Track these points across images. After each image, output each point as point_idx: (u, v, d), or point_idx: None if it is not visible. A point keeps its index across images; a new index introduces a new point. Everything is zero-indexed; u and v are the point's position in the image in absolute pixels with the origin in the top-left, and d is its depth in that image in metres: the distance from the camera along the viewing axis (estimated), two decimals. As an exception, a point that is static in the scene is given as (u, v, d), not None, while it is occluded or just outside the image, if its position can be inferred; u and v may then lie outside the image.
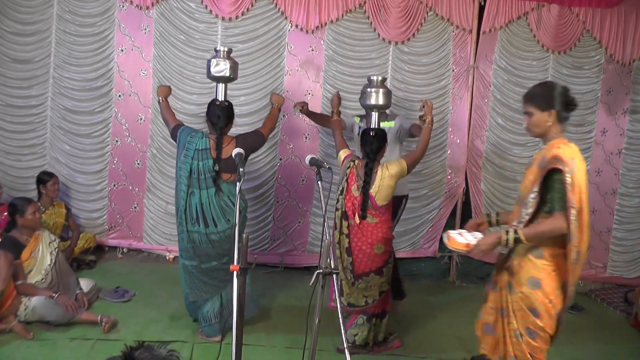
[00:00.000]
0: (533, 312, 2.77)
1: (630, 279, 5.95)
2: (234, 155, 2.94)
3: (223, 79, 3.95)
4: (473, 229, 3.08)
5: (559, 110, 2.76)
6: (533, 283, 2.75)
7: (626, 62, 5.68)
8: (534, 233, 2.69)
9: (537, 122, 2.80)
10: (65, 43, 5.18)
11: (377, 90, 3.97)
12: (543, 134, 2.82)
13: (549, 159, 2.68)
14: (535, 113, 2.79)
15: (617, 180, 5.89)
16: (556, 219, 2.65)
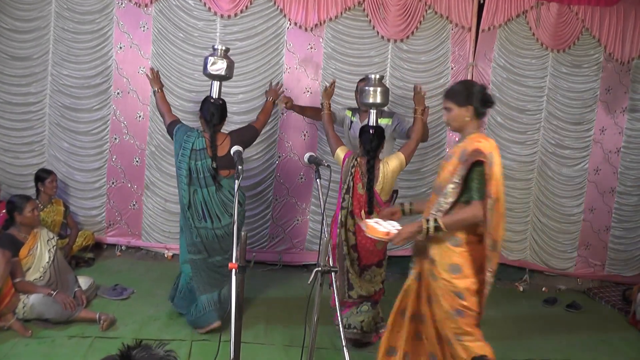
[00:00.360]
0: (458, 295, 2.91)
1: (628, 277, 5.96)
2: (233, 152, 2.95)
3: (218, 77, 4.05)
4: (387, 217, 3.17)
5: (476, 106, 2.94)
6: (454, 269, 2.91)
7: (625, 61, 5.68)
8: (453, 221, 2.87)
9: (456, 117, 2.97)
10: (63, 40, 5.17)
11: (375, 88, 4.04)
12: (461, 128, 3.00)
13: (471, 152, 2.84)
14: (454, 108, 2.96)
15: (616, 178, 5.89)
16: (474, 207, 2.84)
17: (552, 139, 5.70)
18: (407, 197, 5.58)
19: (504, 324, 4.79)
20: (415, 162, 5.50)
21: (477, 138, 2.93)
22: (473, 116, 2.95)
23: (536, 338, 4.55)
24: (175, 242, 5.39)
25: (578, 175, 5.80)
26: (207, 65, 3.99)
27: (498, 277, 5.74)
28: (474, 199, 2.85)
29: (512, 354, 4.16)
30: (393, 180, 3.97)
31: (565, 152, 5.75)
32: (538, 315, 5.13)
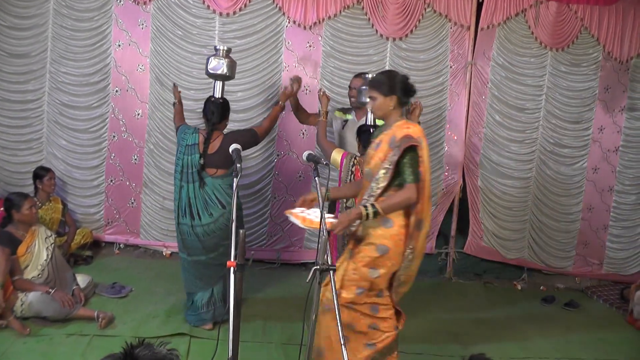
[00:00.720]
0: (374, 271, 3.04)
1: (626, 276, 5.97)
2: (231, 151, 2.94)
3: (220, 77, 4.09)
4: (307, 205, 3.19)
5: (400, 96, 3.07)
6: (382, 250, 3.02)
7: (624, 60, 5.68)
8: (390, 205, 2.96)
9: (380, 106, 3.08)
10: (62, 38, 5.16)
11: None
12: (385, 116, 3.12)
13: (402, 138, 2.97)
14: (378, 98, 3.07)
15: (614, 177, 5.90)
16: (409, 190, 2.96)
17: (550, 137, 5.71)
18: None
19: (502, 322, 4.80)
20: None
21: (404, 125, 3.05)
22: (397, 105, 3.08)
23: (534, 336, 4.56)
24: (173, 240, 5.39)
25: (576, 174, 5.81)
26: (209, 65, 4.05)
27: (496, 275, 5.83)
28: (407, 182, 2.97)
29: (510, 353, 4.16)
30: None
31: (563, 151, 5.75)
32: (536, 313, 5.13)
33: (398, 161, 2.96)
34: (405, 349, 4.07)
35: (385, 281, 3.12)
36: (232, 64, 4.09)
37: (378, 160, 3.04)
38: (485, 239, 5.75)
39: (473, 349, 4.12)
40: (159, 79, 5.22)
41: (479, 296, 5.43)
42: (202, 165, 3.90)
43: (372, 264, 3.03)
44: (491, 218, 5.73)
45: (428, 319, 4.70)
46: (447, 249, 5.77)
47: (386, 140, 3.05)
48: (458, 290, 5.55)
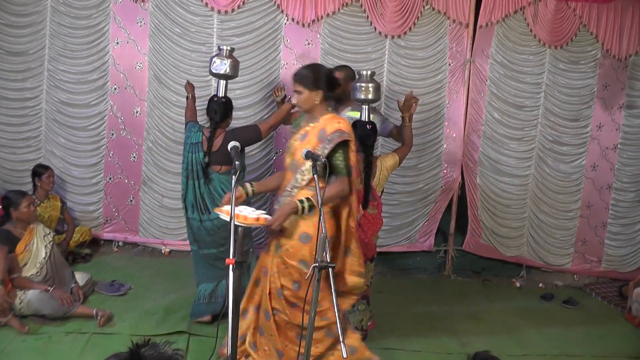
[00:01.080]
0: (302, 263, 3.02)
1: (625, 274, 5.97)
2: (230, 148, 2.96)
3: (224, 77, 4.18)
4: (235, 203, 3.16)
5: (325, 90, 3.09)
6: (304, 238, 3.02)
7: (622, 57, 5.67)
8: (325, 198, 2.92)
9: (306, 100, 3.09)
10: (60, 35, 5.15)
11: (367, 84, 4.09)
12: (311, 110, 3.13)
13: (334, 132, 3.01)
14: (304, 92, 3.08)
15: (613, 175, 5.90)
16: (342, 183, 3.02)
17: (549, 135, 5.71)
18: (405, 193, 5.59)
19: (501, 319, 4.81)
20: (412, 158, 5.50)
21: (334, 119, 3.10)
22: (322, 99, 3.10)
23: (533, 334, 4.57)
24: (171, 238, 5.40)
25: (575, 172, 5.81)
26: (212, 65, 4.14)
27: (495, 273, 5.83)
28: (340, 175, 3.03)
29: (508, 350, 4.17)
30: (387, 177, 4.10)
31: (562, 149, 5.76)
32: (535, 311, 5.14)
33: (329, 155, 3.00)
34: (404, 346, 4.09)
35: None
36: (235, 63, 4.19)
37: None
38: (484, 237, 5.75)
39: (471, 346, 4.12)
40: (157, 76, 5.22)
41: (478, 293, 5.44)
42: (207, 163, 3.99)
43: (300, 257, 3.04)
44: (490, 215, 5.73)
45: (426, 316, 4.71)
46: (446, 246, 5.78)
47: (314, 133, 3.07)
48: (457, 287, 5.55)
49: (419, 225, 5.69)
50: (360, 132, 3.94)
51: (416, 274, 5.74)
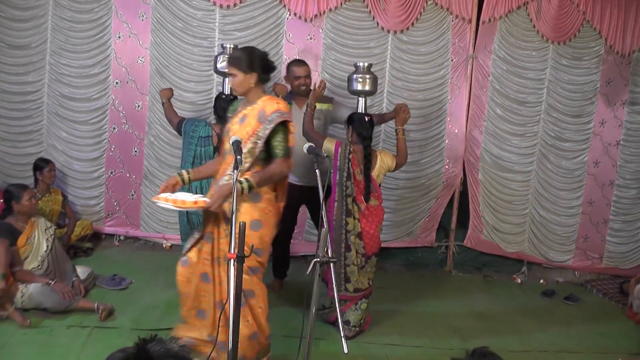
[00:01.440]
0: (256, 251, 3.03)
1: (626, 270, 5.97)
2: (231, 142, 2.95)
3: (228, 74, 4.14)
4: (170, 189, 3.20)
5: (259, 72, 3.11)
6: (255, 225, 3.05)
7: (626, 54, 5.66)
8: (263, 178, 3.04)
9: (241, 83, 3.11)
10: (61, 29, 5.14)
11: (364, 76, 4.17)
12: (247, 93, 3.16)
13: (273, 113, 3.04)
14: (238, 75, 3.09)
15: (615, 171, 5.89)
16: (280, 164, 3.07)
17: (551, 131, 5.69)
18: (407, 188, 5.59)
19: (502, 316, 4.81)
20: (414, 153, 5.50)
21: (272, 100, 3.14)
22: (257, 82, 3.12)
23: (534, 330, 4.57)
24: (173, 232, 5.39)
25: (577, 168, 5.80)
26: (217, 63, 4.23)
27: (496, 269, 5.83)
28: (279, 156, 3.06)
29: (509, 346, 4.17)
30: (384, 173, 4.17)
31: (564, 145, 5.74)
32: (536, 307, 5.14)
33: (269, 136, 3.03)
34: (405, 341, 4.09)
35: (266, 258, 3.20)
36: None
37: (245, 134, 3.07)
38: (486, 233, 5.75)
39: (472, 342, 4.12)
40: (159, 71, 5.21)
41: (479, 289, 5.44)
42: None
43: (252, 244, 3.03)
44: (491, 211, 5.72)
45: (427, 311, 4.71)
46: (447, 242, 5.78)
47: (254, 115, 3.09)
48: (458, 283, 5.55)
49: (421, 220, 5.69)
50: (359, 124, 4.02)
51: (417, 269, 5.74)
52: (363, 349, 3.88)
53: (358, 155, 4.00)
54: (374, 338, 4.09)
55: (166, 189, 3.16)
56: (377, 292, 4.94)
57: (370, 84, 4.18)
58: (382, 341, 4.04)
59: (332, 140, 4.10)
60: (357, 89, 4.18)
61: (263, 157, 3.09)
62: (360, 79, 4.16)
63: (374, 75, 4.23)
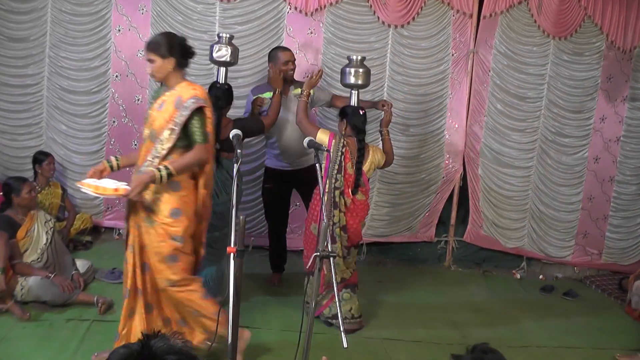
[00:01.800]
0: (175, 238, 3.07)
1: (625, 266, 5.98)
2: (232, 136, 2.96)
3: (224, 64, 4.22)
4: (98, 176, 3.19)
5: (177, 57, 3.09)
6: (174, 213, 3.06)
7: (627, 49, 5.65)
8: (182, 165, 3.02)
9: (159, 69, 3.09)
10: (61, 22, 5.12)
11: (357, 69, 4.15)
12: (166, 78, 3.13)
13: (190, 98, 3.03)
14: (157, 60, 3.07)
15: (615, 167, 5.89)
16: (198, 150, 3.05)
17: (552, 127, 5.69)
18: (407, 183, 5.59)
19: (501, 311, 4.82)
20: (414, 148, 5.51)
21: (189, 86, 3.12)
22: (176, 67, 3.10)
23: (532, 325, 4.58)
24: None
25: (577, 164, 5.80)
26: (213, 52, 4.19)
27: (495, 264, 5.83)
28: (197, 142, 3.04)
29: (508, 341, 4.17)
30: (375, 168, 4.21)
31: (565, 141, 5.74)
32: (535, 302, 5.15)
33: (186, 122, 3.02)
34: (404, 336, 4.10)
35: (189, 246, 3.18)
36: (235, 50, 4.23)
37: (163, 121, 3.06)
38: (485, 228, 5.75)
39: (471, 337, 4.13)
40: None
41: (478, 285, 5.45)
42: (218, 149, 3.95)
43: (172, 232, 3.06)
44: (491, 207, 5.73)
45: (426, 306, 4.72)
46: (447, 237, 5.78)
47: (171, 102, 3.07)
48: (457, 278, 5.56)
49: (420, 215, 5.69)
50: (353, 116, 4.02)
51: (417, 264, 5.74)
52: (362, 344, 3.89)
53: (352, 148, 4.02)
54: (373, 333, 4.10)
55: (94, 175, 3.15)
56: (376, 287, 4.97)
57: (364, 77, 4.17)
58: (381, 336, 4.05)
59: (326, 131, 4.09)
60: (350, 82, 4.17)
61: (183, 144, 3.07)
62: (354, 72, 4.15)
63: (367, 68, 4.22)
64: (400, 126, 5.47)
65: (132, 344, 1.28)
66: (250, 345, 3.51)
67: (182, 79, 3.15)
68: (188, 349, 1.30)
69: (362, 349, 3.83)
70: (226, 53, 4.16)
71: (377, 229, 5.64)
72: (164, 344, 1.26)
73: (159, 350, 1.24)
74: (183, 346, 1.29)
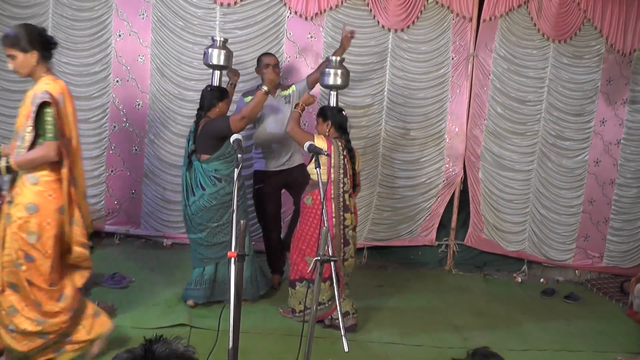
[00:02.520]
0: (31, 235, 2.99)
1: (627, 269, 5.97)
2: (232, 141, 2.93)
3: (218, 67, 4.30)
4: None
5: (40, 50, 3.01)
6: (30, 208, 2.98)
7: (627, 52, 5.65)
8: (24, 160, 2.96)
9: (22, 64, 3.00)
10: (62, 27, 5.13)
11: (337, 70, 4.22)
12: (31, 73, 3.05)
13: (40, 93, 2.96)
14: (18, 55, 2.98)
15: (616, 170, 5.89)
16: (45, 147, 2.97)
17: (552, 130, 5.69)
18: (407, 187, 5.59)
19: (502, 314, 4.81)
20: (414, 152, 5.52)
21: (46, 81, 3.03)
22: (39, 60, 3.02)
23: (534, 329, 4.57)
24: (173, 231, 5.39)
25: (578, 167, 5.80)
26: (207, 56, 4.24)
27: (496, 268, 5.82)
28: (47, 139, 2.97)
29: (509, 345, 4.17)
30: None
31: (565, 144, 5.74)
32: (536, 306, 5.14)
33: (37, 118, 2.96)
34: (404, 340, 4.09)
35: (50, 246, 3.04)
36: (228, 54, 4.30)
37: (23, 118, 3.02)
38: (486, 231, 5.75)
39: (472, 341, 4.13)
40: (159, 69, 5.21)
41: (479, 288, 5.44)
42: (193, 150, 4.13)
43: (26, 227, 2.99)
44: (492, 210, 5.72)
45: (427, 310, 4.71)
46: (448, 240, 5.77)
47: (30, 97, 3.02)
48: (458, 282, 5.56)
49: (421, 219, 5.69)
50: (338, 117, 4.12)
51: (417, 268, 5.74)
52: (363, 348, 3.88)
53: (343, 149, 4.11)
54: (374, 337, 4.09)
55: None
56: (377, 290, 4.97)
57: (343, 78, 4.24)
58: (382, 340, 4.05)
59: (321, 137, 4.06)
60: (329, 83, 4.25)
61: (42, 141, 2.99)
62: (333, 73, 4.21)
63: (346, 69, 4.30)
64: (400, 130, 5.48)
65: (134, 348, 1.28)
66: (252, 350, 3.51)
67: (46, 72, 3.07)
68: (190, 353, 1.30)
69: (363, 353, 3.82)
70: (220, 57, 4.22)
71: (377, 233, 5.64)
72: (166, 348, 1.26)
73: (161, 355, 1.24)
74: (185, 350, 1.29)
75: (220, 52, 4.21)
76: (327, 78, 4.23)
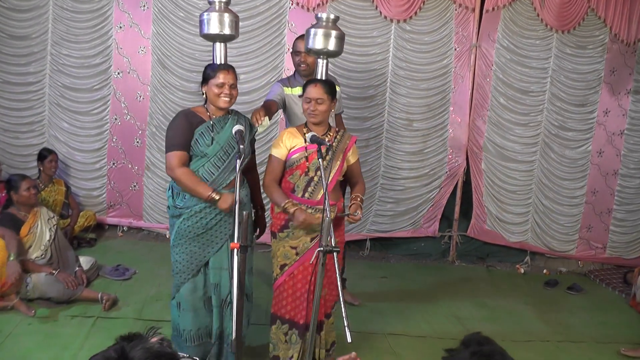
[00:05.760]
0: None
1: (629, 260, 5.97)
2: (234, 132, 2.91)
3: (220, 37, 3.10)
4: None
5: None
6: None
7: (631, 42, 5.62)
8: None
9: None
10: (62, 19, 5.12)
11: (327, 31, 3.09)
12: None
13: None
14: None
15: (619, 161, 5.87)
16: None
17: (555, 120, 5.67)
18: (410, 178, 5.58)
19: (505, 305, 4.81)
20: (418, 143, 5.50)
21: None
22: None
23: (536, 320, 4.57)
24: (176, 223, 5.38)
25: (581, 158, 5.78)
26: (204, 23, 3.11)
27: (499, 259, 5.82)
28: None
29: (512, 336, 4.17)
30: None
31: (568, 134, 5.72)
32: (539, 297, 5.14)
33: None
34: (407, 331, 4.09)
35: None
36: (234, 18, 3.09)
37: None
38: (489, 222, 5.74)
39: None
40: (160, 61, 5.19)
41: (482, 279, 5.44)
42: None
43: None
44: (495, 201, 5.71)
45: (430, 301, 4.71)
46: (450, 232, 5.77)
47: None
48: (461, 273, 5.56)
49: (424, 210, 5.68)
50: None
51: (420, 259, 5.74)
52: (366, 339, 3.88)
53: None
54: (377, 328, 4.09)
55: None
56: (380, 282, 4.97)
57: (336, 42, 3.10)
58: (385, 331, 4.05)
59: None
60: (316, 47, 3.11)
61: None
62: (322, 33, 3.08)
63: (340, 31, 3.17)
64: (403, 121, 5.46)
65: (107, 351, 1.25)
66: (257, 344, 3.51)
67: None
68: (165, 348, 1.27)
69: (366, 344, 3.82)
70: (222, 22, 3.06)
71: (380, 225, 5.64)
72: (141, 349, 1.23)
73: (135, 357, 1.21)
74: (159, 348, 1.26)
75: (222, 17, 3.04)
76: (313, 40, 3.09)
